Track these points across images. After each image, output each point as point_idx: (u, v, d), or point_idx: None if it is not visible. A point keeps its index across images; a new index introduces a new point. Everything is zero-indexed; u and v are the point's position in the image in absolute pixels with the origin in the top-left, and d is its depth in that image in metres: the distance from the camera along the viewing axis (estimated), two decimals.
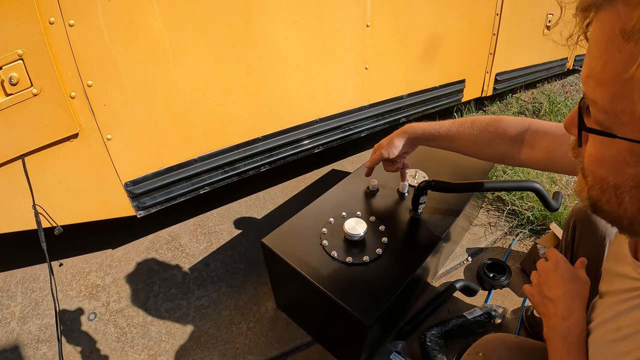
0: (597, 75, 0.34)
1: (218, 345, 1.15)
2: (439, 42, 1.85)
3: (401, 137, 0.96)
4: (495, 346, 0.64)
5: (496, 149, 0.81)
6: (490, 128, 0.81)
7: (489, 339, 0.67)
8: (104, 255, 1.46)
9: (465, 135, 0.85)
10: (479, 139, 0.83)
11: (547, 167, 0.77)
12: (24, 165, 1.04)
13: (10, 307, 1.28)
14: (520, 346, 0.64)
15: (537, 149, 0.75)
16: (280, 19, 1.29)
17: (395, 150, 0.96)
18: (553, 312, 0.59)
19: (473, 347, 0.68)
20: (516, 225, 1.59)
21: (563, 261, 0.62)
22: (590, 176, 0.40)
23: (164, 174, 1.27)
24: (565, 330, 0.56)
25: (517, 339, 0.66)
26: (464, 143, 0.86)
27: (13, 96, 0.95)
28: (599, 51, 0.34)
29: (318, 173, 1.95)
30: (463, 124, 0.86)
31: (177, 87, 1.18)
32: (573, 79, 3.43)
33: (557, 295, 0.59)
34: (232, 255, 1.46)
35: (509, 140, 0.79)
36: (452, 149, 0.91)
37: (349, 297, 0.85)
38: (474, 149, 0.85)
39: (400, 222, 1.07)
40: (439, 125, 0.90)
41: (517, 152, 0.79)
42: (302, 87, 1.46)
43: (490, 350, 0.64)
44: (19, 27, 0.90)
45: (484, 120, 0.83)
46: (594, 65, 0.35)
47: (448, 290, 1.25)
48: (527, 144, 0.78)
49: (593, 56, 0.35)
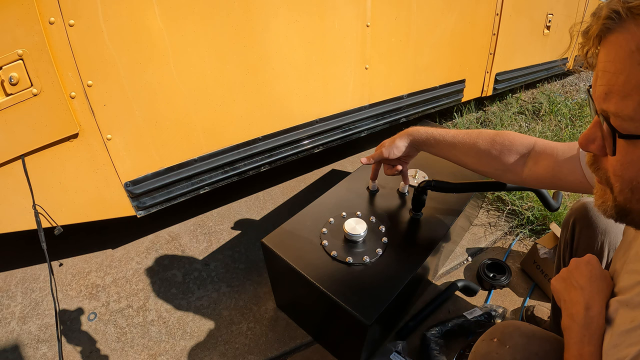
0: (619, 89, 0.37)
1: (218, 345, 1.15)
2: (439, 42, 1.85)
3: (404, 139, 0.94)
4: (510, 332, 0.64)
5: (500, 162, 0.80)
6: (497, 139, 0.80)
7: (504, 325, 0.67)
8: (104, 255, 1.46)
9: (470, 144, 0.84)
10: (484, 150, 0.82)
11: (550, 184, 0.76)
12: (24, 165, 1.04)
13: (10, 307, 1.28)
14: (535, 334, 0.64)
15: (542, 165, 0.75)
16: (280, 19, 1.29)
17: (396, 151, 0.95)
18: (577, 300, 0.59)
19: (487, 333, 0.67)
20: (516, 225, 1.59)
21: (596, 259, 0.63)
22: (618, 182, 0.42)
23: (164, 174, 1.27)
24: (588, 319, 0.56)
25: (532, 327, 0.66)
26: (467, 152, 0.85)
27: (13, 96, 0.95)
28: (618, 68, 0.37)
29: (318, 173, 1.95)
30: (469, 133, 0.85)
31: (177, 87, 1.18)
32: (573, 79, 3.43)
33: (584, 284, 0.60)
34: (232, 255, 1.46)
35: (514, 154, 0.79)
36: (453, 158, 0.89)
37: (349, 297, 0.85)
38: (477, 160, 0.84)
39: (400, 222, 1.07)
40: (445, 131, 0.89)
41: (520, 167, 0.78)
42: (302, 87, 1.46)
43: (506, 336, 0.63)
44: (19, 27, 0.90)
45: (491, 132, 0.83)
46: (614, 81, 0.38)
47: (448, 290, 1.25)
48: (532, 160, 0.77)
49: (612, 74, 0.38)
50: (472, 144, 0.83)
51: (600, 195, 0.46)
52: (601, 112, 0.41)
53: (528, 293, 1.30)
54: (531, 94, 2.99)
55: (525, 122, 2.49)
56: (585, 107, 2.64)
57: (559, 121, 2.46)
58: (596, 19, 0.39)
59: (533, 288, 1.32)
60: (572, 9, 2.71)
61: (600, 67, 0.40)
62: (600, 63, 0.40)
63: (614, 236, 0.81)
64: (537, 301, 1.26)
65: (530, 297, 1.29)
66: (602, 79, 0.39)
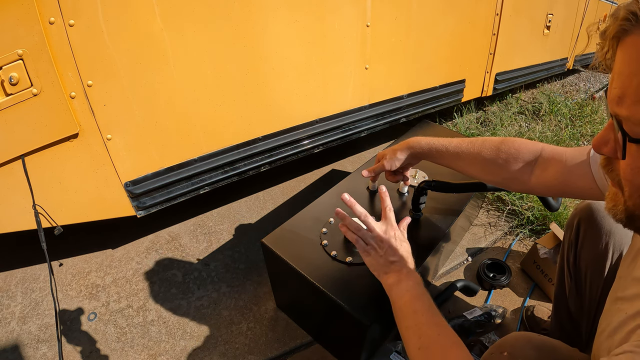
0: (633, 92, 0.37)
1: (218, 345, 1.15)
2: (439, 42, 1.85)
3: (405, 151, 0.93)
4: (521, 345, 0.62)
5: (506, 170, 0.78)
6: (503, 147, 0.78)
7: (515, 337, 0.65)
8: (104, 255, 1.46)
9: (474, 154, 0.81)
10: (489, 159, 0.79)
11: (559, 191, 0.74)
12: (24, 165, 1.04)
13: (10, 307, 1.28)
14: (546, 345, 0.63)
15: (550, 172, 0.73)
16: (280, 19, 1.29)
17: (398, 163, 0.94)
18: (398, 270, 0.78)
19: (496, 346, 0.66)
20: (516, 225, 1.59)
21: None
22: (627, 186, 0.42)
23: (164, 174, 1.27)
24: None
25: (543, 338, 0.64)
26: (471, 162, 0.83)
27: (13, 96, 0.95)
28: (632, 70, 0.37)
29: (318, 173, 1.95)
30: (473, 142, 0.82)
31: (177, 87, 1.18)
32: (573, 79, 3.43)
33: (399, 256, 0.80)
34: (232, 255, 1.46)
35: (521, 162, 0.76)
36: (457, 169, 0.87)
37: (349, 297, 0.85)
38: (482, 170, 0.82)
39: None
40: (447, 141, 0.87)
41: (528, 175, 0.76)
42: (302, 87, 1.46)
43: (517, 349, 0.62)
44: (19, 27, 0.90)
45: (496, 139, 0.80)
46: (628, 84, 0.37)
47: (448, 290, 1.25)
48: (539, 167, 0.75)
49: (626, 76, 0.37)
50: (476, 154, 0.81)
51: (612, 198, 0.45)
52: (614, 115, 0.40)
53: (528, 293, 1.30)
54: (531, 94, 2.99)
55: (525, 122, 2.49)
56: (585, 107, 2.64)
57: (559, 121, 2.46)
58: (614, 20, 0.38)
59: (533, 288, 1.32)
60: (572, 9, 2.71)
61: (616, 69, 0.39)
62: (616, 65, 0.39)
63: (619, 237, 0.80)
64: (537, 301, 1.26)
65: (530, 297, 1.29)
66: (617, 82, 0.38)
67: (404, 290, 0.74)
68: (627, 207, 0.43)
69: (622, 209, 0.43)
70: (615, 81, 0.39)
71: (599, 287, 0.83)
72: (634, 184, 0.41)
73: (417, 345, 0.65)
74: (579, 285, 0.87)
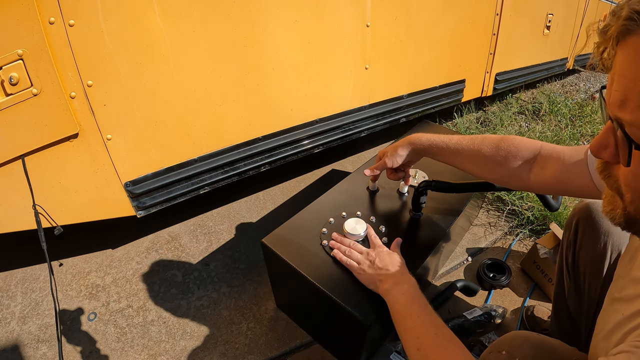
0: (637, 96, 0.35)
1: (218, 345, 1.15)
2: (439, 42, 1.85)
3: (406, 147, 0.94)
4: (519, 344, 0.63)
5: (505, 167, 0.78)
6: (502, 145, 0.78)
7: (513, 337, 0.65)
8: (104, 255, 1.46)
9: (474, 151, 0.82)
10: (489, 156, 0.80)
11: (557, 189, 0.75)
12: (24, 165, 1.04)
13: (10, 307, 1.28)
14: (544, 344, 0.63)
15: (548, 171, 0.73)
16: (281, 19, 1.29)
17: (399, 159, 0.95)
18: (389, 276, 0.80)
19: (494, 345, 0.66)
20: (516, 225, 1.59)
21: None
22: (629, 192, 0.40)
23: (164, 174, 1.27)
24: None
25: (541, 337, 0.65)
26: (471, 159, 0.83)
27: (13, 96, 0.95)
28: (636, 73, 0.35)
29: (318, 173, 1.95)
30: (473, 139, 0.83)
31: (177, 87, 1.18)
32: (573, 79, 3.43)
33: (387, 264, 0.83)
34: (232, 255, 1.46)
35: (520, 160, 0.77)
36: (457, 165, 0.88)
37: (349, 297, 0.85)
38: (481, 167, 0.82)
39: (400, 222, 1.07)
40: (447, 138, 0.87)
41: (526, 173, 0.77)
42: (302, 87, 1.46)
43: (515, 348, 0.62)
44: (19, 27, 0.90)
45: (496, 137, 0.81)
46: (632, 87, 0.35)
47: (448, 290, 1.25)
48: (538, 165, 0.75)
49: (629, 79, 0.35)
50: (476, 151, 0.82)
51: (610, 201, 0.44)
52: (615, 119, 0.38)
53: (528, 293, 1.30)
54: (531, 94, 2.99)
55: (525, 122, 2.49)
56: (585, 107, 2.64)
57: (559, 121, 2.46)
58: (616, 19, 0.36)
59: (533, 288, 1.32)
60: (572, 9, 2.71)
61: (616, 70, 0.37)
62: (617, 66, 0.37)
63: (617, 237, 0.80)
64: (537, 301, 1.26)
65: (530, 297, 1.29)
66: (619, 84, 0.36)
67: (400, 294, 0.76)
68: (627, 212, 0.41)
69: (621, 213, 0.42)
70: (617, 83, 0.37)
71: (598, 286, 0.83)
72: (637, 190, 0.39)
73: (416, 346, 0.66)
74: (578, 285, 0.88)
